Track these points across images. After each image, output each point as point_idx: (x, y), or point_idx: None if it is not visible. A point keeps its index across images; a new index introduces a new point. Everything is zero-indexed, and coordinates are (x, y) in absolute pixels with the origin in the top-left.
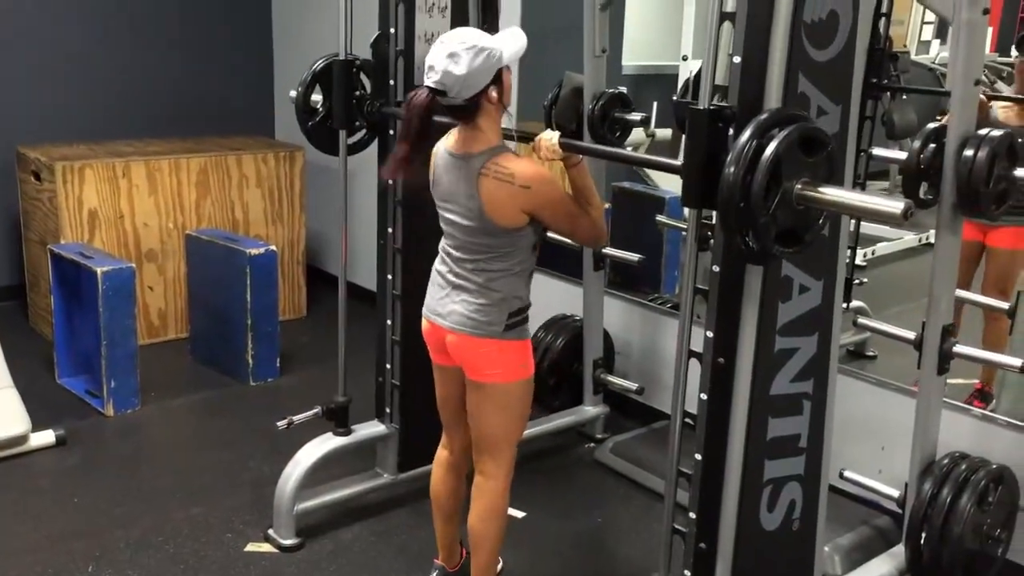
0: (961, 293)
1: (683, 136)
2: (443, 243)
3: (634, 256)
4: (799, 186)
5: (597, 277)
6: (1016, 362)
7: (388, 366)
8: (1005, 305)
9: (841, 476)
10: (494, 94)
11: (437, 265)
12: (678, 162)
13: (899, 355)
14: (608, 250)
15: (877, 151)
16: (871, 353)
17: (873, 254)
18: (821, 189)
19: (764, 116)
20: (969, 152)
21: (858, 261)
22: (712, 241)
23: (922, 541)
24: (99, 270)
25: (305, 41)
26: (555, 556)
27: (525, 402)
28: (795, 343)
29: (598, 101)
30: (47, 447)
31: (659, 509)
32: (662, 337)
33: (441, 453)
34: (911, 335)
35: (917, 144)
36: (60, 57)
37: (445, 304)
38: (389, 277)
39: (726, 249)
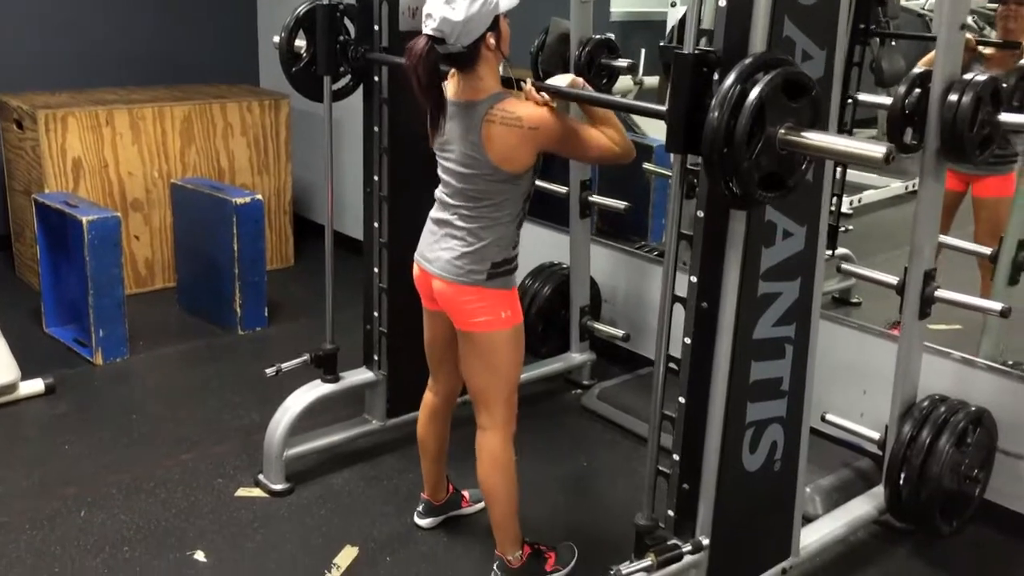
0: (943, 238)
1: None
2: (438, 190)
3: (620, 204)
4: (783, 131)
5: (584, 224)
6: (996, 306)
7: (375, 314)
8: (987, 251)
9: (823, 419)
10: (492, 41)
11: (431, 212)
12: (663, 107)
13: (883, 301)
14: (595, 198)
15: (863, 96)
16: (856, 300)
17: (859, 202)
18: (804, 134)
19: (748, 60)
20: (953, 97)
21: (844, 209)
22: (697, 188)
23: (901, 481)
24: (84, 219)
25: None
26: (541, 499)
27: (512, 353)
28: (778, 288)
29: (584, 47)
30: (37, 396)
31: (644, 453)
32: (648, 285)
33: (427, 397)
34: (894, 280)
35: (902, 89)
36: (43, 4)
37: (434, 250)
38: (375, 225)
39: (710, 195)
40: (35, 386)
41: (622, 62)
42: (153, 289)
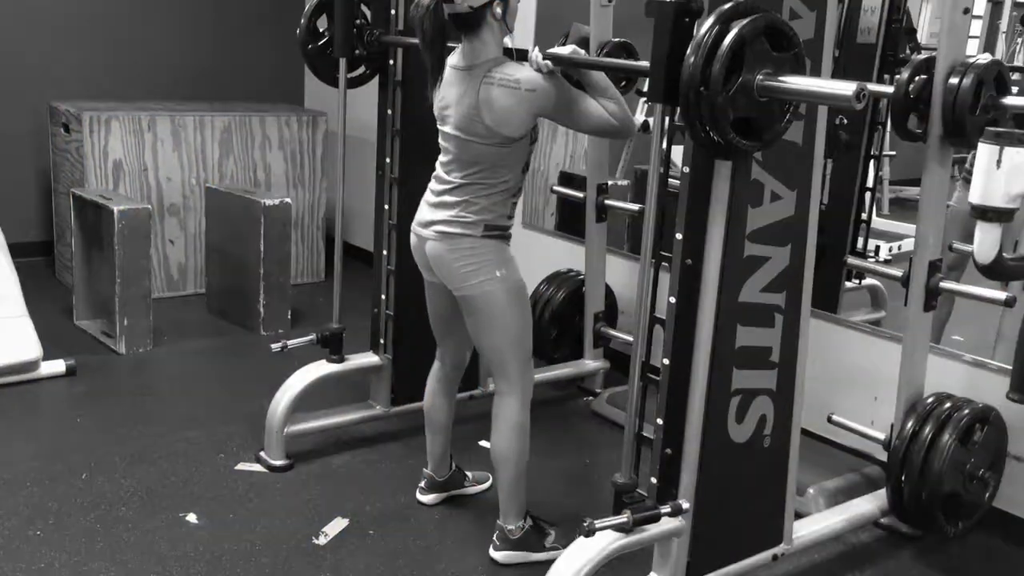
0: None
1: None
2: (438, 161)
3: (634, 206)
4: (760, 76)
5: (600, 229)
6: (1000, 295)
7: (383, 296)
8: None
9: (829, 420)
10: (498, 10)
11: (430, 185)
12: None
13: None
14: (611, 202)
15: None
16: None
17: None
18: (781, 78)
19: (727, 6)
20: (955, 80)
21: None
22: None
23: (903, 478)
24: (116, 209)
25: None
26: (539, 489)
27: (514, 310)
28: (766, 251)
29: (603, 50)
30: (57, 376)
31: (649, 454)
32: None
33: (435, 366)
34: (898, 272)
35: (906, 75)
36: (95, 19)
37: (428, 216)
38: (386, 207)
39: (695, 149)
40: (56, 367)
41: (641, 64)
42: (184, 294)
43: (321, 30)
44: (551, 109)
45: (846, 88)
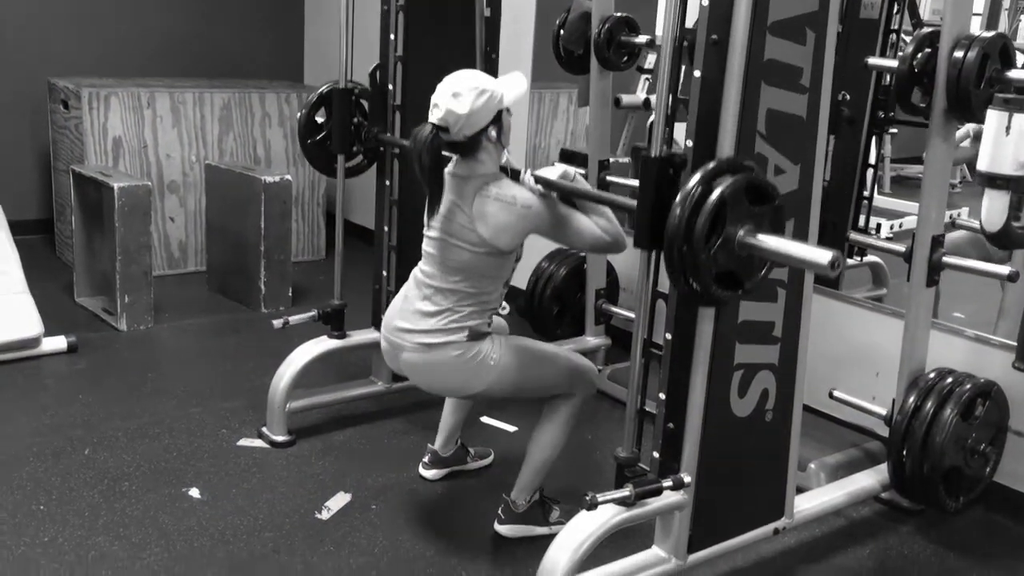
0: None
1: None
2: (418, 267)
3: (635, 182)
4: (742, 232)
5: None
6: (1004, 270)
7: (384, 273)
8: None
9: (831, 396)
10: (493, 133)
11: (405, 290)
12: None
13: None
14: (612, 177)
15: (872, 60)
16: None
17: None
18: (760, 236)
19: (712, 164)
20: (959, 53)
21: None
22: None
23: (904, 452)
24: (116, 185)
25: None
26: None
27: (527, 367)
28: None
29: (604, 24)
30: (59, 352)
31: (651, 430)
32: None
33: None
34: (901, 248)
35: (911, 49)
36: None
37: (403, 324)
38: (387, 183)
39: (699, 123)
40: (58, 343)
41: (642, 38)
42: (185, 272)
43: (320, 121)
44: (545, 227)
45: (822, 256)
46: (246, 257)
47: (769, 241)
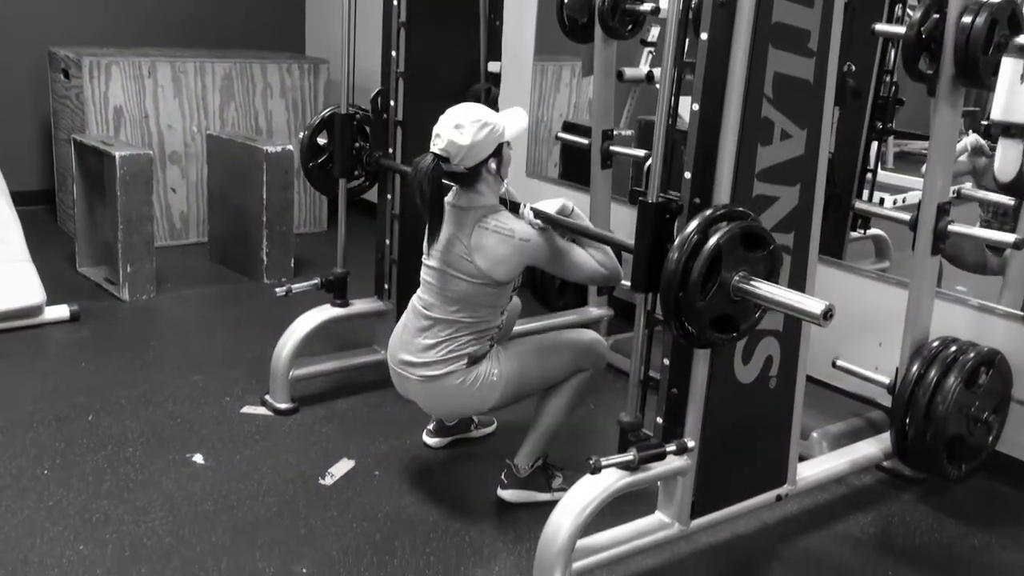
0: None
1: None
2: (416, 296)
3: (640, 152)
4: (737, 278)
5: (605, 176)
6: (1009, 238)
7: (387, 241)
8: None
9: (834, 365)
10: (493, 166)
11: (405, 319)
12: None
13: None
14: (616, 148)
15: (879, 26)
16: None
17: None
18: (755, 283)
19: (709, 211)
20: (968, 18)
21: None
22: None
23: (907, 420)
24: (117, 154)
25: None
26: None
27: (532, 364)
28: (775, 191)
29: None
30: (61, 321)
31: (654, 400)
32: None
33: None
34: (906, 216)
35: (918, 15)
36: None
37: (407, 357)
38: (390, 151)
39: (705, 87)
40: (60, 312)
41: (646, 5)
42: (187, 243)
43: (322, 143)
44: (543, 260)
45: (815, 306)
46: (248, 228)
47: (763, 287)
